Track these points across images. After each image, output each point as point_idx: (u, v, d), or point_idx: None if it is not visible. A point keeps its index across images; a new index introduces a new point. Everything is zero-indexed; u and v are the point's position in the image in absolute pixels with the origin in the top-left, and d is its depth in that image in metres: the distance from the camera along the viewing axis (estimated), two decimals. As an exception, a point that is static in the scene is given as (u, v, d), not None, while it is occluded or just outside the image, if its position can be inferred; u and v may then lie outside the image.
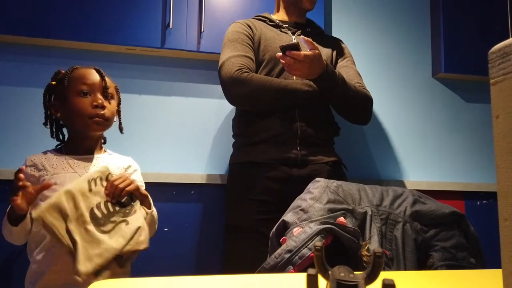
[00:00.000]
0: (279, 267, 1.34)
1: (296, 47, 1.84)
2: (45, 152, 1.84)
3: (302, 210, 1.50)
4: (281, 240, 1.46)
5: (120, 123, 1.97)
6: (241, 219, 2.06)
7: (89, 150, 1.86)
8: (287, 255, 1.34)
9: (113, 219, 1.60)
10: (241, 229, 2.06)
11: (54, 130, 1.90)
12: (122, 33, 2.58)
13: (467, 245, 1.49)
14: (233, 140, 2.36)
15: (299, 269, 1.30)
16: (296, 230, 1.42)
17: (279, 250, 1.38)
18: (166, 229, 2.43)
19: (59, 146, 1.91)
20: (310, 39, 1.89)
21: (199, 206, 2.50)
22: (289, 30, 2.27)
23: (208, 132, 2.74)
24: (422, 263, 1.45)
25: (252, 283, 0.96)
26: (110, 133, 2.60)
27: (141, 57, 2.75)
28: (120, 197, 1.63)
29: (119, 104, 1.95)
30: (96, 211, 1.58)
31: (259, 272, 1.38)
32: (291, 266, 1.33)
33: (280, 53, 1.86)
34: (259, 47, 2.17)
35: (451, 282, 0.93)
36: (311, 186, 1.65)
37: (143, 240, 1.61)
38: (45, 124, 1.87)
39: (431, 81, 3.07)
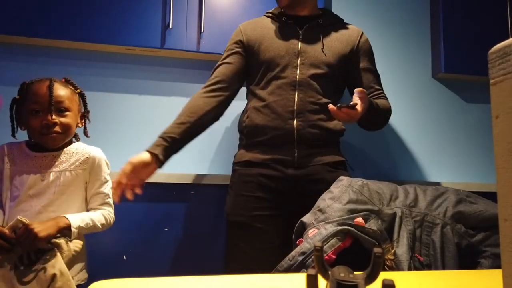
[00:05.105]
0: (293, 270, 1.31)
1: (352, 107, 1.84)
2: (21, 143, 1.96)
3: (320, 210, 1.45)
4: (297, 242, 1.43)
5: (85, 128, 2.07)
6: (238, 214, 2.09)
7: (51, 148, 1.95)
8: (301, 258, 1.31)
9: (34, 267, 1.62)
10: (238, 224, 2.09)
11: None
12: (122, 33, 2.59)
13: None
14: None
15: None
16: (311, 232, 1.38)
17: (293, 252, 1.35)
18: (166, 229, 2.43)
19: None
20: (364, 91, 1.90)
21: (199, 206, 2.50)
22: (296, 24, 2.22)
23: (208, 132, 2.74)
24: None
25: (253, 283, 0.96)
26: (108, 133, 2.59)
27: (141, 57, 2.75)
28: (34, 245, 1.66)
29: (85, 109, 2.06)
30: (18, 263, 1.62)
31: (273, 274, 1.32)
32: (305, 269, 1.28)
33: (334, 107, 1.83)
34: (259, 47, 2.19)
35: (451, 282, 0.93)
36: (333, 185, 1.58)
37: (59, 286, 1.62)
38: (13, 135, 1.97)
39: (431, 81, 3.07)
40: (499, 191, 0.51)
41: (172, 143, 2.05)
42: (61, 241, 1.74)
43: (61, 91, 1.91)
